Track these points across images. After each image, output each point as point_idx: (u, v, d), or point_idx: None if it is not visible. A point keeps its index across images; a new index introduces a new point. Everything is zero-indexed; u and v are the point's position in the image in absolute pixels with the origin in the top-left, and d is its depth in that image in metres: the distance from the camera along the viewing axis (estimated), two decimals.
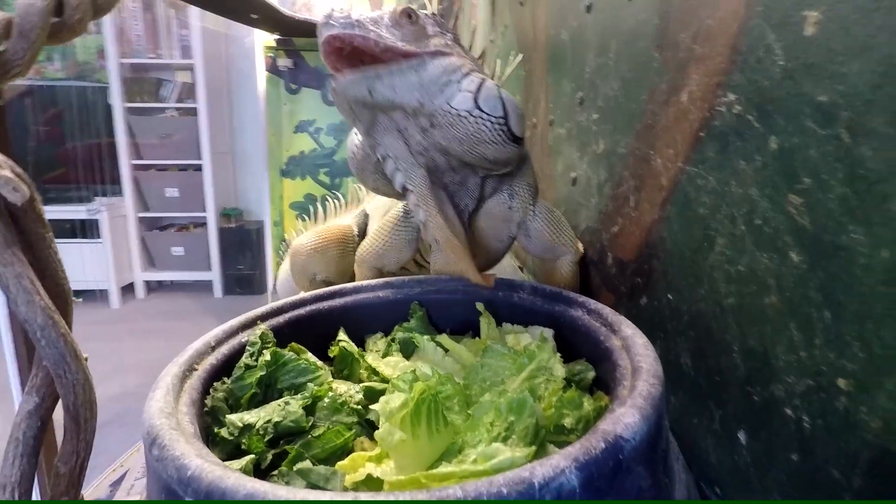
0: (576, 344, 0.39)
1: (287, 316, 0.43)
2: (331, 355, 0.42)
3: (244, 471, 0.27)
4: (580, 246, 0.55)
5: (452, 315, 0.47)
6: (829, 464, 0.24)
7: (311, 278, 0.67)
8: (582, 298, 0.40)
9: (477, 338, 0.44)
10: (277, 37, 1.90)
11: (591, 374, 0.35)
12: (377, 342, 0.46)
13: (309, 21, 1.64)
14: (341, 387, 0.35)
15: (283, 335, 0.41)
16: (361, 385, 0.36)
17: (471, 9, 1.56)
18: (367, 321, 0.47)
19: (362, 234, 0.71)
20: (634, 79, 0.46)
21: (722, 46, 0.33)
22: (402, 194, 0.49)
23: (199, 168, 3.09)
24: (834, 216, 0.24)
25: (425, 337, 0.43)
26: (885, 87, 0.22)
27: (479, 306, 0.44)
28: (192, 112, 2.99)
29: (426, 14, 0.44)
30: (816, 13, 0.25)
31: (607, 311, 0.37)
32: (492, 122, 0.42)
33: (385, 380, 0.39)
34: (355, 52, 0.40)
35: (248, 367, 0.34)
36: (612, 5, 0.51)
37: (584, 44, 0.58)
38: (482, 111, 0.41)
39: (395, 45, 0.40)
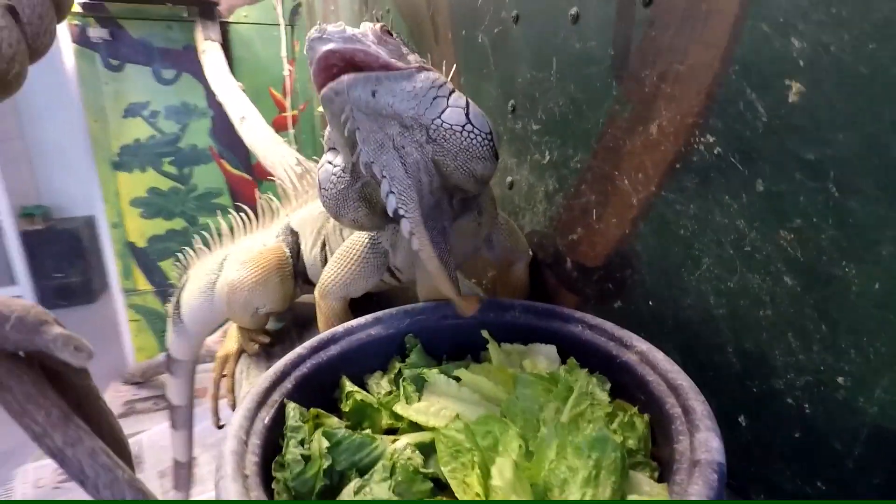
0: (578, 358, 0.42)
1: (293, 378, 0.40)
2: (344, 409, 0.41)
3: None
4: (529, 250, 0.60)
5: (445, 342, 0.48)
6: (830, 438, 0.32)
7: (253, 313, 0.61)
8: (579, 314, 0.44)
9: (485, 363, 0.45)
10: (82, 0, 1.55)
11: (608, 386, 0.40)
12: (379, 382, 0.45)
13: None
14: (390, 446, 0.35)
15: (294, 399, 0.38)
16: (412, 443, 0.36)
17: None
18: (363, 362, 0.46)
19: (294, 254, 0.66)
20: (588, 101, 0.49)
21: (696, 93, 0.38)
22: (383, 225, 0.48)
23: None
24: (826, 252, 0.31)
25: (434, 370, 0.43)
26: (871, 157, 0.28)
27: (485, 333, 0.45)
28: None
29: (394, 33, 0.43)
30: (799, 85, 0.31)
31: (608, 325, 0.42)
32: (482, 138, 0.43)
33: (417, 425, 0.39)
34: (346, 69, 0.37)
35: (304, 457, 0.31)
36: (548, 22, 0.53)
37: (512, 54, 0.60)
38: (473, 126, 0.42)
39: (390, 60, 0.39)
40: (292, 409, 0.35)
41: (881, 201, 0.28)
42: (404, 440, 0.37)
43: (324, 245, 0.63)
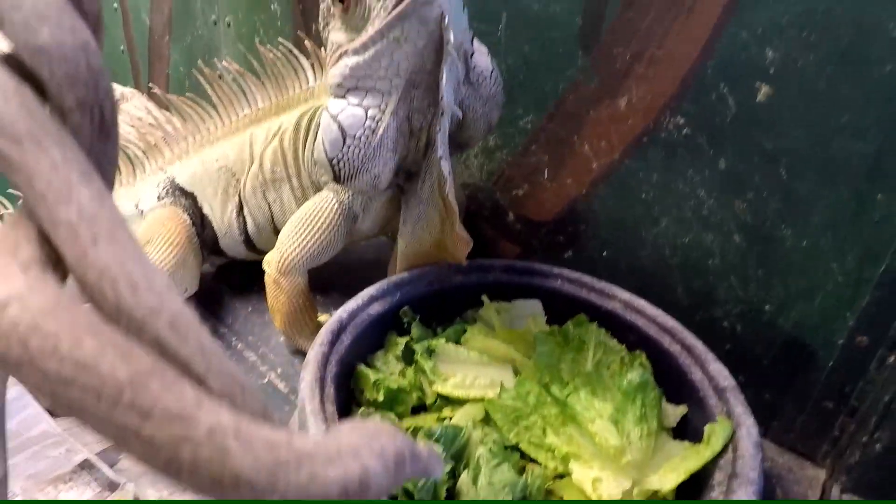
0: (561, 311, 0.48)
1: (328, 382, 0.37)
2: (377, 398, 0.40)
3: None
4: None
5: (432, 308, 0.48)
6: (753, 347, 0.45)
7: None
8: (556, 270, 0.49)
9: (478, 325, 0.47)
10: None
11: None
12: (386, 361, 0.44)
13: None
14: (471, 430, 0.36)
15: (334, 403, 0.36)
16: (472, 420, 0.38)
17: None
18: (367, 344, 0.44)
19: (198, 223, 0.54)
20: (545, 64, 0.51)
21: (671, 78, 0.44)
22: (398, 183, 0.45)
23: None
24: (770, 218, 0.42)
25: (441, 340, 0.45)
26: (816, 151, 0.39)
27: (485, 298, 0.47)
28: None
29: None
30: (768, 87, 0.39)
31: (587, 278, 0.48)
32: (501, 85, 0.44)
33: (447, 399, 0.41)
34: None
35: None
36: None
37: None
38: (498, 73, 0.43)
39: None
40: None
41: (818, 183, 0.39)
42: (460, 417, 0.38)
43: (241, 209, 0.54)
